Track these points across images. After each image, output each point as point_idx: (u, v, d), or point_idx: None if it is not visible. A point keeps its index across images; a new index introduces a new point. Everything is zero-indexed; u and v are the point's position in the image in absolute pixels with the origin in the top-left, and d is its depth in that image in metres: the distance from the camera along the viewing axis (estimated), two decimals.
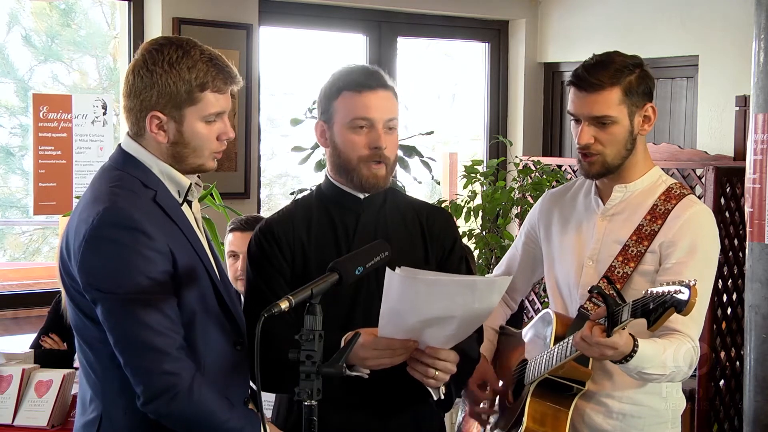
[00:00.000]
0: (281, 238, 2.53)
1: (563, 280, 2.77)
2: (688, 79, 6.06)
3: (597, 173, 2.66)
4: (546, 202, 2.90)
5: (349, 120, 2.49)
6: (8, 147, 5.69)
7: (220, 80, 2.28)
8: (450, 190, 6.45)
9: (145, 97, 2.25)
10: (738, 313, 4.84)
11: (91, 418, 2.28)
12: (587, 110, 2.61)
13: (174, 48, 2.25)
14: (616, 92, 2.59)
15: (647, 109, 2.65)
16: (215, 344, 2.30)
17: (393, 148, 2.53)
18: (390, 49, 6.34)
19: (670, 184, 2.70)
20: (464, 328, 2.33)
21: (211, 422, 2.20)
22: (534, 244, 2.91)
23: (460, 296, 2.23)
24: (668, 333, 2.51)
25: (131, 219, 2.17)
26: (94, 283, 2.17)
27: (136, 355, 2.16)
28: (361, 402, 2.49)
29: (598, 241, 2.70)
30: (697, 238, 2.60)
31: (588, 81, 2.60)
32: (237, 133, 5.50)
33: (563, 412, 2.63)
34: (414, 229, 2.60)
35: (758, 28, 3.99)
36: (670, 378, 2.53)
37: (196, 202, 2.42)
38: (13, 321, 5.14)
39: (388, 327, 2.29)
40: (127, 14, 5.41)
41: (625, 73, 2.60)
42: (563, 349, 2.53)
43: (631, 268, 2.61)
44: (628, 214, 2.68)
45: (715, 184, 4.74)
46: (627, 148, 2.64)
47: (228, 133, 2.32)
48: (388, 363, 2.32)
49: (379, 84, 2.51)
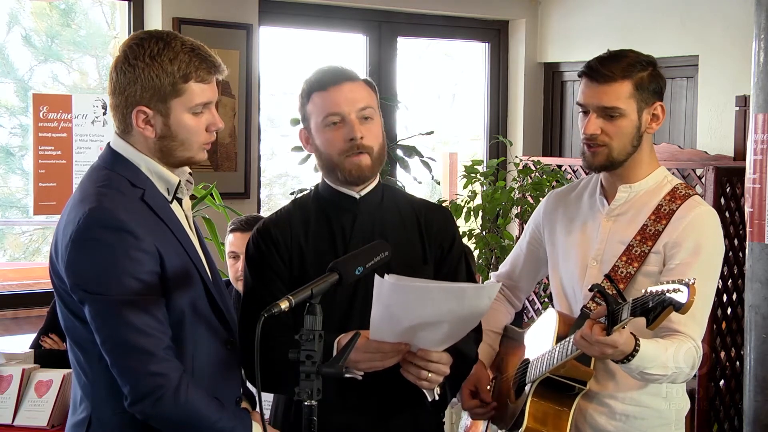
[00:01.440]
0: (279, 239, 2.53)
1: (567, 281, 2.77)
2: (688, 79, 6.06)
3: (600, 165, 2.66)
4: (551, 202, 2.90)
5: (322, 119, 2.49)
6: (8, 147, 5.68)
7: (203, 70, 2.25)
8: (450, 190, 6.45)
9: (129, 93, 2.23)
10: (738, 313, 4.84)
11: (81, 419, 2.28)
12: (597, 100, 2.62)
13: (154, 41, 2.24)
14: (626, 85, 2.60)
15: (656, 108, 2.66)
16: (205, 344, 2.30)
17: (373, 137, 2.51)
18: (390, 49, 6.33)
19: (675, 185, 2.69)
20: (456, 332, 2.33)
21: (200, 423, 2.20)
22: (538, 244, 2.90)
23: (449, 303, 2.24)
24: (670, 333, 2.51)
25: (117, 219, 2.16)
26: (80, 284, 2.17)
27: (123, 355, 2.16)
28: (360, 403, 2.49)
29: (603, 241, 2.69)
30: (702, 239, 2.60)
31: (600, 72, 2.61)
32: (237, 133, 5.50)
33: (565, 411, 2.62)
34: (412, 228, 2.60)
35: (758, 28, 3.99)
36: (672, 379, 2.52)
37: (188, 200, 2.40)
38: (13, 321, 5.14)
39: (379, 331, 2.29)
40: (127, 14, 5.41)
41: (637, 68, 2.62)
42: (564, 348, 2.53)
43: (634, 268, 2.61)
44: (633, 214, 2.68)
45: (715, 184, 4.74)
46: (633, 144, 2.64)
47: (216, 124, 2.31)
48: (380, 366, 2.32)
49: (344, 77, 2.51)
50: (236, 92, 5.49)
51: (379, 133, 2.53)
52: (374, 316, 2.26)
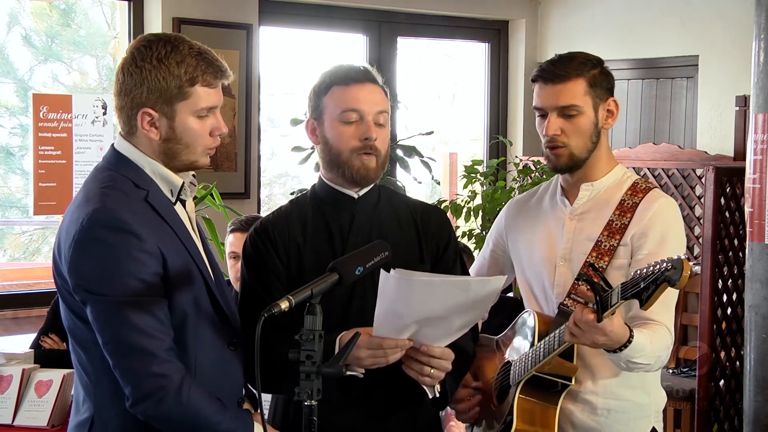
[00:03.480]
0: (276, 239, 2.52)
1: (537, 283, 2.79)
2: (688, 79, 6.06)
3: (565, 165, 2.70)
4: (511, 210, 2.93)
5: (339, 112, 2.49)
6: (8, 147, 5.68)
7: (209, 74, 2.26)
8: (450, 190, 6.45)
9: (135, 95, 2.24)
10: (738, 313, 4.84)
11: (83, 419, 2.28)
12: (554, 101, 2.69)
13: (162, 44, 2.24)
14: (581, 83, 2.68)
15: (610, 103, 2.72)
16: (208, 345, 2.30)
17: (383, 142, 2.53)
18: (390, 49, 6.34)
19: (635, 180, 2.75)
20: (459, 327, 2.35)
21: (202, 424, 2.20)
22: (502, 252, 2.94)
23: (454, 297, 2.25)
24: (644, 322, 2.54)
25: (120, 220, 2.16)
26: (83, 285, 2.17)
27: (125, 356, 2.16)
28: (359, 401, 2.49)
29: (569, 240, 2.73)
30: (667, 228, 2.65)
31: (554, 72, 2.71)
32: (237, 133, 5.50)
33: (551, 408, 2.64)
34: (409, 228, 2.60)
35: (758, 28, 3.99)
36: (650, 368, 2.57)
37: (191, 201, 2.40)
38: (13, 321, 5.14)
39: (383, 327, 2.29)
40: (127, 14, 5.41)
41: (588, 66, 2.71)
42: (549, 343, 2.55)
43: (605, 262, 2.65)
44: (597, 211, 2.72)
45: (715, 184, 4.74)
46: (592, 141, 2.69)
47: (221, 128, 2.31)
48: (383, 362, 2.32)
49: (368, 78, 2.53)
50: (236, 92, 5.49)
51: (387, 141, 2.56)
52: (378, 311, 2.26)
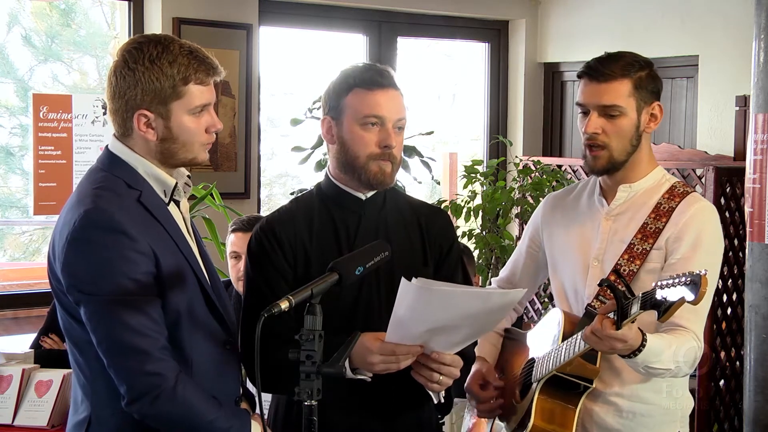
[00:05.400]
0: (283, 238, 2.51)
1: (569, 282, 2.77)
2: (688, 79, 6.06)
3: (602, 168, 2.67)
4: (548, 205, 2.90)
5: (361, 117, 2.48)
6: (8, 147, 5.68)
7: (202, 72, 2.27)
8: (450, 190, 6.45)
9: (130, 97, 2.25)
10: (738, 313, 4.84)
11: (81, 419, 2.28)
12: (597, 99, 2.63)
13: (153, 45, 2.25)
14: (626, 84, 2.62)
15: (654, 107, 2.68)
16: (203, 344, 2.30)
17: (400, 148, 2.54)
18: (390, 49, 6.33)
19: (673, 183, 2.71)
20: (472, 336, 2.37)
21: (197, 422, 2.20)
22: (538, 248, 2.91)
23: (473, 308, 2.26)
24: (673, 328, 2.53)
25: (113, 221, 2.17)
26: (76, 285, 2.18)
27: (119, 356, 2.17)
28: (364, 404, 2.49)
29: (604, 241, 2.70)
30: (702, 233, 2.62)
31: (600, 71, 2.63)
32: (237, 133, 5.50)
33: (571, 409, 2.63)
34: (413, 230, 2.60)
35: (758, 28, 3.99)
36: (674, 374, 2.55)
37: (185, 202, 2.41)
38: (13, 321, 5.14)
39: (397, 333, 2.30)
40: (127, 14, 5.41)
41: (635, 67, 2.64)
42: (572, 345, 2.54)
43: (637, 265, 2.62)
44: (632, 213, 2.69)
45: (715, 184, 4.74)
46: (632, 144, 2.65)
47: (216, 125, 2.32)
48: (395, 368, 2.33)
49: (390, 84, 2.51)
50: (236, 92, 5.49)
51: (402, 146, 2.56)
52: (394, 318, 2.27)
